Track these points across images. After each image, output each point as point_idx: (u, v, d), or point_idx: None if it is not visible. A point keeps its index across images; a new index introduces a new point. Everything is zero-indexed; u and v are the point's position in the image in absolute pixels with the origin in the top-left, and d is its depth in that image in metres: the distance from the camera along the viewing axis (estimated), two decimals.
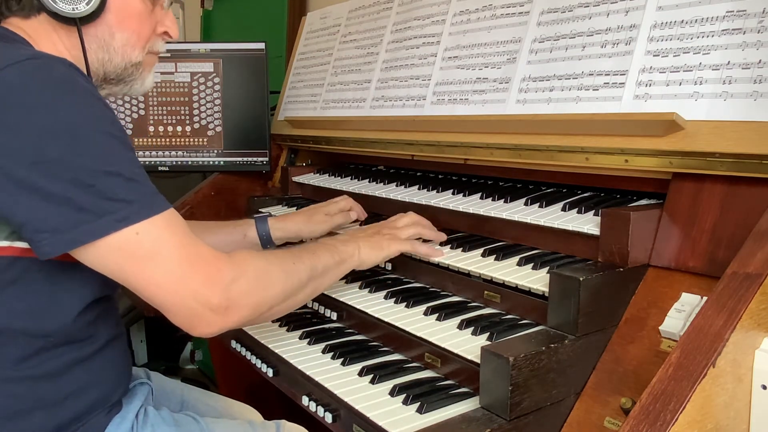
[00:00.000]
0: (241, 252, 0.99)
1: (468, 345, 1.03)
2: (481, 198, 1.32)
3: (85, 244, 0.84)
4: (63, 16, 0.96)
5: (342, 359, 1.18)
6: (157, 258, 0.87)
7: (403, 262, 1.32)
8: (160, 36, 1.10)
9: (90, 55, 1.01)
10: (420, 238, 1.28)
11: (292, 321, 1.38)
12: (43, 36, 0.99)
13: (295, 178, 1.92)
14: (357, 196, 1.54)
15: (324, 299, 1.37)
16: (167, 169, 2.04)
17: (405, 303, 1.21)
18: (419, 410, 0.98)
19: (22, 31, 0.98)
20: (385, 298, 1.26)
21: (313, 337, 1.29)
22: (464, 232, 1.33)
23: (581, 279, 0.93)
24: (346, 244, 1.18)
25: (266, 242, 1.45)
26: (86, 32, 0.99)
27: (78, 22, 0.97)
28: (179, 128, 2.04)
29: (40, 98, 0.83)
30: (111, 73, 1.05)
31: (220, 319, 0.91)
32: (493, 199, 1.29)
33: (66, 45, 1.00)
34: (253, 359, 1.34)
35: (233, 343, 1.43)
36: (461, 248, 1.24)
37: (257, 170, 2.06)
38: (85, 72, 0.99)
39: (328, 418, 1.07)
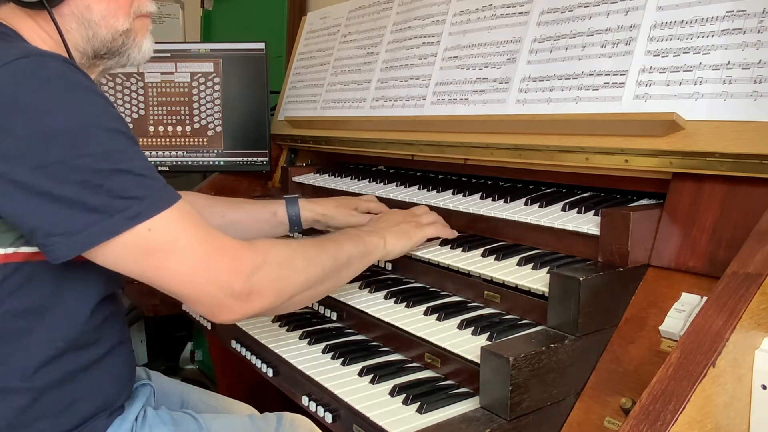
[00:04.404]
0: (262, 239, 0.98)
1: (468, 345, 1.03)
2: (481, 198, 1.32)
3: (99, 245, 0.83)
4: (27, 1, 0.92)
5: (342, 359, 1.18)
6: (175, 250, 0.86)
7: (403, 262, 1.32)
8: None
9: (72, 35, 0.97)
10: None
11: (292, 321, 1.39)
12: (21, 24, 0.95)
13: (295, 178, 1.92)
14: (357, 196, 1.54)
15: (324, 299, 1.36)
16: (167, 169, 2.04)
17: (405, 303, 1.21)
18: (419, 410, 0.98)
19: (6, 21, 0.94)
20: (385, 298, 1.26)
21: (313, 337, 1.29)
22: (464, 232, 1.33)
23: (581, 279, 0.93)
24: (371, 234, 1.17)
25: (294, 223, 1.46)
26: (61, 12, 0.95)
27: (46, 4, 0.92)
28: (179, 128, 2.04)
29: (37, 99, 0.81)
30: (100, 48, 1.00)
31: (243, 305, 0.91)
32: (493, 199, 1.29)
33: (46, 30, 0.96)
34: (253, 359, 1.34)
35: (233, 343, 1.43)
36: (461, 248, 1.24)
37: (257, 170, 2.06)
38: (67, 55, 0.95)
39: (328, 418, 1.07)
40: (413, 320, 1.15)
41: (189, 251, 0.87)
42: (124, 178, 0.83)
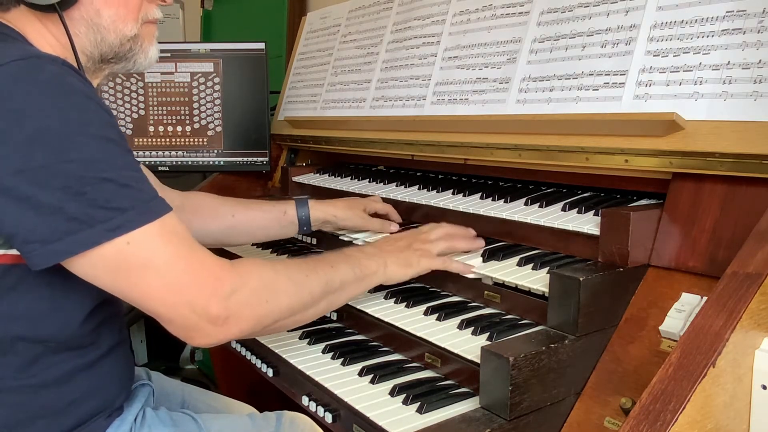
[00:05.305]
0: (247, 260, 0.97)
1: (468, 345, 1.03)
2: (481, 198, 1.32)
3: (76, 255, 0.81)
4: (40, 4, 0.91)
5: (342, 359, 1.18)
6: (151, 268, 0.84)
7: None
8: (152, 2, 1.03)
9: (81, 39, 0.96)
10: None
11: None
12: (29, 27, 0.94)
13: (295, 178, 1.92)
14: (358, 197, 1.54)
15: None
16: (167, 169, 2.04)
17: (405, 303, 1.21)
18: (419, 410, 0.98)
19: (13, 24, 0.94)
20: (385, 298, 1.26)
21: (313, 337, 1.29)
22: None
23: (581, 279, 0.93)
24: (371, 258, 1.13)
25: (304, 223, 1.46)
26: (71, 16, 0.94)
27: (58, 8, 0.91)
28: (179, 128, 2.04)
29: (27, 102, 0.80)
30: (108, 52, 0.99)
31: (219, 330, 0.88)
32: (493, 199, 1.29)
33: (54, 33, 0.95)
34: (253, 359, 1.34)
35: (233, 343, 1.43)
36: None
37: (257, 170, 2.06)
38: (75, 59, 0.95)
39: (328, 418, 1.07)
40: (413, 320, 1.15)
41: (166, 269, 0.84)
42: (108, 187, 0.81)
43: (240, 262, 0.94)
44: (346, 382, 1.10)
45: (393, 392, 1.04)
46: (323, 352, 1.23)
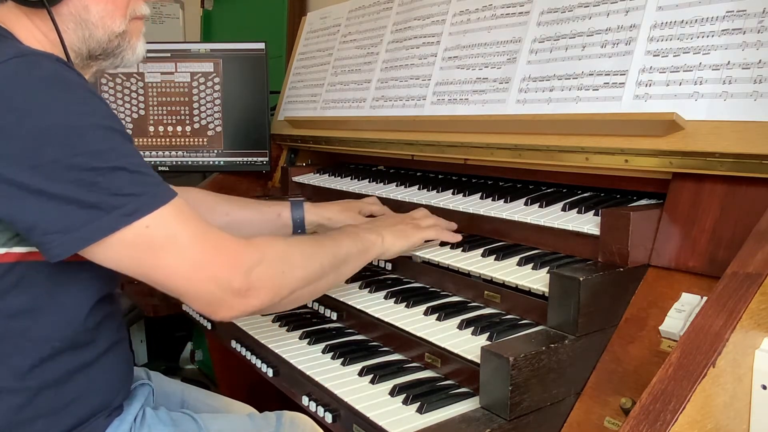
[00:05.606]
0: (260, 236, 0.99)
1: (468, 345, 1.03)
2: (481, 198, 1.32)
3: (96, 242, 0.83)
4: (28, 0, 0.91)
5: (342, 359, 1.18)
6: (173, 247, 0.86)
7: (403, 262, 1.32)
8: None
9: (69, 35, 0.97)
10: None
11: (292, 321, 1.39)
12: (17, 24, 0.94)
13: (295, 178, 1.92)
14: (357, 197, 1.54)
15: (324, 299, 1.37)
16: (167, 169, 2.05)
17: (405, 303, 1.21)
18: (419, 410, 0.98)
19: (2, 22, 0.94)
20: (385, 298, 1.26)
21: (313, 337, 1.29)
22: (464, 232, 1.33)
23: (581, 279, 0.93)
24: (369, 231, 1.17)
25: (298, 225, 1.47)
26: (59, 12, 0.94)
27: (46, 4, 0.92)
28: (179, 128, 2.04)
29: (31, 99, 0.81)
30: (96, 49, 1.00)
31: (242, 302, 0.91)
32: (493, 199, 1.29)
33: (42, 30, 0.95)
34: (253, 359, 1.34)
35: (233, 343, 1.43)
36: (461, 248, 1.24)
37: (257, 170, 2.07)
38: (64, 55, 0.95)
39: (328, 418, 1.07)
40: (413, 320, 1.15)
41: (187, 248, 0.87)
42: (119, 175, 0.83)
43: (255, 238, 0.97)
44: (346, 382, 1.10)
45: (393, 392, 1.04)
46: (323, 352, 1.23)
